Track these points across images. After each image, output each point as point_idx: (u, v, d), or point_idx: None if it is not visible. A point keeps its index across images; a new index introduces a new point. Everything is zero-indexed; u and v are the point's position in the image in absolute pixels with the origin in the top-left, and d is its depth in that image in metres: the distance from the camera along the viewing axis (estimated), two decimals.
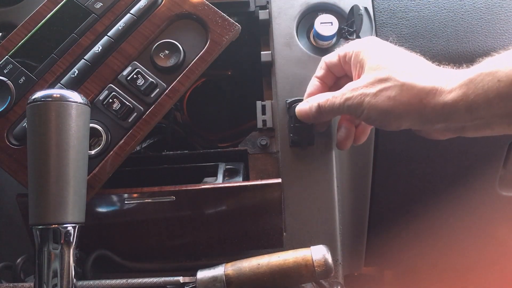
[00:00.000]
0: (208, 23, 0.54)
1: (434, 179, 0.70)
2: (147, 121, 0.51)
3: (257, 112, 0.60)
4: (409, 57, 0.49)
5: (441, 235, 0.75)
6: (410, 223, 0.72)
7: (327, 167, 0.58)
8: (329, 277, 0.47)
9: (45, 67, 0.52)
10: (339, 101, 0.50)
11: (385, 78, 0.47)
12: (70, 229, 0.42)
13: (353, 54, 0.51)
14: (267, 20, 0.64)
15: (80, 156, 0.43)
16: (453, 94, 0.43)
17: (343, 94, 0.50)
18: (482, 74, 0.41)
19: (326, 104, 0.51)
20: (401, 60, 0.48)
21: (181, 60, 0.53)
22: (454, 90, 0.43)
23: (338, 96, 0.50)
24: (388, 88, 0.46)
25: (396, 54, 0.49)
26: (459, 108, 0.42)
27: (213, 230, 0.55)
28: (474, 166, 0.69)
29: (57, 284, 0.41)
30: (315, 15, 0.63)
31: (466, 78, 0.42)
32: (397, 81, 0.46)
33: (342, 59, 0.53)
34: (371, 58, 0.49)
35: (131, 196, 0.52)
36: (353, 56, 0.51)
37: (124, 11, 0.54)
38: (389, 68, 0.47)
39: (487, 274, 0.72)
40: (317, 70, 0.57)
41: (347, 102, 0.49)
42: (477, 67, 0.43)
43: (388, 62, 0.48)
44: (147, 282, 0.48)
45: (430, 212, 0.73)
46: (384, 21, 0.64)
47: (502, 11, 0.64)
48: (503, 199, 0.72)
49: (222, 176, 0.57)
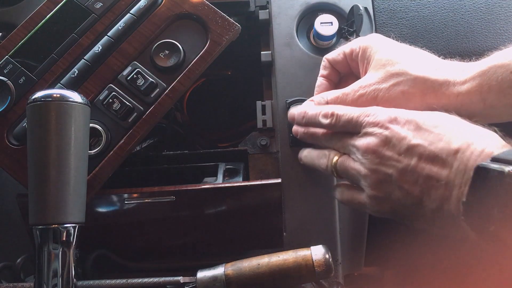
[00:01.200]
0: (208, 23, 0.54)
1: None
2: (147, 121, 0.51)
3: (257, 112, 0.60)
4: (417, 52, 0.50)
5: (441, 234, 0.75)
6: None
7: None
8: (329, 277, 0.47)
9: (45, 67, 0.52)
10: (351, 98, 0.49)
11: (396, 73, 0.47)
12: (70, 229, 0.42)
13: (360, 51, 0.51)
14: (267, 20, 0.64)
15: (80, 156, 0.43)
16: (468, 85, 0.44)
17: (354, 91, 0.49)
18: (494, 66, 0.43)
19: (337, 102, 0.51)
20: (410, 54, 0.49)
21: (181, 60, 0.53)
22: (468, 81, 0.44)
23: (349, 93, 0.50)
24: (400, 82, 0.47)
25: (404, 49, 0.50)
26: (473, 98, 0.44)
27: (213, 230, 0.55)
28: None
29: (57, 284, 0.41)
30: (315, 15, 0.63)
31: (479, 70, 0.44)
32: (410, 75, 0.46)
33: (349, 56, 0.53)
34: (379, 53, 0.49)
35: (131, 196, 0.52)
36: (360, 52, 0.51)
37: (124, 11, 0.54)
38: (400, 63, 0.47)
39: (487, 273, 0.72)
40: (321, 70, 0.57)
41: (360, 98, 0.49)
42: (487, 60, 0.45)
43: (397, 56, 0.48)
44: (147, 282, 0.48)
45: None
46: (384, 21, 0.64)
47: (502, 11, 0.64)
48: None
49: (222, 176, 0.56)
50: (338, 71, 0.56)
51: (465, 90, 0.44)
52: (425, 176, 0.40)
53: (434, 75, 0.46)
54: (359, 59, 0.52)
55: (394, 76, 0.47)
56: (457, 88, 0.45)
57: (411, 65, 0.47)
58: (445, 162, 0.39)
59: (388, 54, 0.49)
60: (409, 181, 0.41)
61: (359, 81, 0.50)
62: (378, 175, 0.43)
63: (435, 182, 0.39)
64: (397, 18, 0.64)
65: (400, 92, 0.47)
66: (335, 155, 0.48)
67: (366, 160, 0.43)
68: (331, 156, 0.49)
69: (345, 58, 0.54)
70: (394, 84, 0.47)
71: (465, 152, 0.38)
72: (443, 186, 0.39)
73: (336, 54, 0.55)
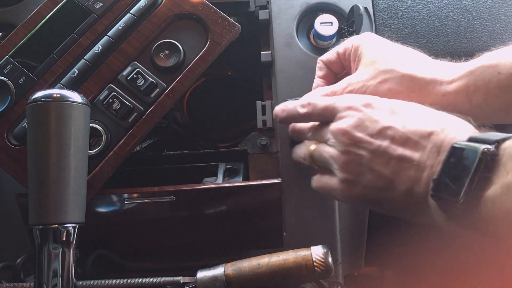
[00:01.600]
0: (208, 23, 0.54)
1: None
2: (147, 121, 0.51)
3: (257, 112, 0.60)
4: (407, 50, 0.50)
5: (441, 234, 0.75)
6: (411, 223, 0.72)
7: None
8: (329, 277, 0.47)
9: (45, 67, 0.52)
10: (339, 94, 0.49)
11: (385, 70, 0.47)
12: (70, 229, 0.42)
13: (352, 49, 0.52)
14: (267, 20, 0.64)
15: (80, 156, 0.43)
16: (454, 85, 0.44)
17: (343, 88, 0.50)
18: (482, 66, 0.43)
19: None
20: (400, 53, 0.49)
21: (181, 60, 0.53)
22: (455, 81, 0.44)
23: (337, 90, 0.50)
24: (388, 79, 0.47)
25: (394, 48, 0.50)
26: (460, 97, 0.44)
27: (213, 230, 0.55)
28: None
29: (57, 284, 0.41)
30: (315, 15, 0.63)
31: (467, 70, 0.44)
32: (398, 72, 0.46)
33: (342, 56, 0.53)
34: (370, 51, 0.49)
35: (131, 196, 0.52)
36: (352, 51, 0.52)
37: (124, 11, 0.54)
38: (389, 61, 0.48)
39: (487, 272, 0.72)
40: (317, 71, 0.57)
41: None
42: (477, 60, 0.44)
43: (387, 54, 0.48)
44: (147, 282, 0.48)
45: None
46: (384, 21, 0.64)
47: (502, 11, 0.64)
48: None
49: (222, 176, 0.56)
50: (334, 72, 0.56)
51: (452, 89, 0.44)
52: (397, 158, 0.40)
53: (422, 73, 0.46)
54: (351, 58, 0.52)
55: (382, 73, 0.47)
56: (444, 87, 0.45)
57: (400, 63, 0.47)
58: (418, 144, 0.39)
59: (379, 52, 0.49)
60: (381, 163, 0.41)
61: (348, 78, 0.50)
62: (349, 156, 0.42)
63: (406, 163, 0.39)
64: (397, 18, 0.64)
65: (387, 89, 0.47)
66: (313, 144, 0.49)
67: (337, 142, 0.43)
68: (309, 145, 0.49)
69: (339, 58, 0.54)
70: (381, 81, 0.47)
71: (439, 134, 0.38)
72: (414, 167, 0.39)
73: (330, 54, 0.55)
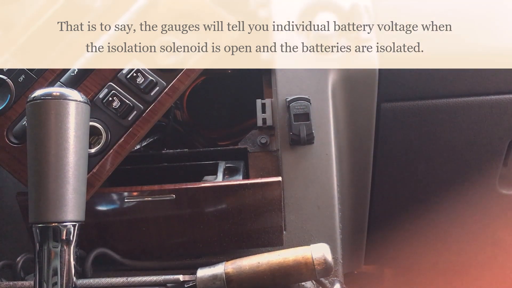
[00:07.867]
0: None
1: (434, 178, 0.70)
2: (147, 120, 0.51)
3: (257, 111, 0.60)
4: None
5: (441, 233, 0.75)
6: (410, 222, 0.72)
7: (327, 166, 0.58)
8: (329, 276, 0.47)
9: None
10: None
11: None
12: (70, 228, 0.42)
13: None
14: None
15: (80, 154, 0.43)
16: None
17: None
18: None
19: None
20: None
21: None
22: None
23: None
24: None
25: None
26: None
27: (213, 228, 0.55)
28: (474, 164, 0.69)
29: (57, 282, 0.41)
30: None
31: None
32: None
33: None
34: None
35: (131, 195, 0.52)
36: None
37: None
38: None
39: (487, 272, 0.72)
40: None
41: None
42: None
43: None
44: (147, 280, 0.48)
45: (430, 211, 0.73)
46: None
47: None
48: (503, 197, 0.72)
49: (222, 175, 0.56)
50: None
51: None
52: None
53: None
54: None
55: None
56: None
57: None
58: None
59: None
60: None
61: None
62: None
63: None
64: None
65: None
66: None
67: None
68: None
69: None
70: None
71: None
72: None
73: None
